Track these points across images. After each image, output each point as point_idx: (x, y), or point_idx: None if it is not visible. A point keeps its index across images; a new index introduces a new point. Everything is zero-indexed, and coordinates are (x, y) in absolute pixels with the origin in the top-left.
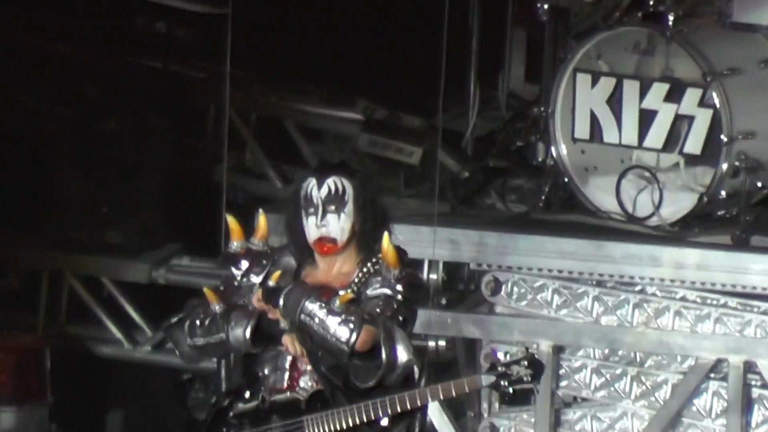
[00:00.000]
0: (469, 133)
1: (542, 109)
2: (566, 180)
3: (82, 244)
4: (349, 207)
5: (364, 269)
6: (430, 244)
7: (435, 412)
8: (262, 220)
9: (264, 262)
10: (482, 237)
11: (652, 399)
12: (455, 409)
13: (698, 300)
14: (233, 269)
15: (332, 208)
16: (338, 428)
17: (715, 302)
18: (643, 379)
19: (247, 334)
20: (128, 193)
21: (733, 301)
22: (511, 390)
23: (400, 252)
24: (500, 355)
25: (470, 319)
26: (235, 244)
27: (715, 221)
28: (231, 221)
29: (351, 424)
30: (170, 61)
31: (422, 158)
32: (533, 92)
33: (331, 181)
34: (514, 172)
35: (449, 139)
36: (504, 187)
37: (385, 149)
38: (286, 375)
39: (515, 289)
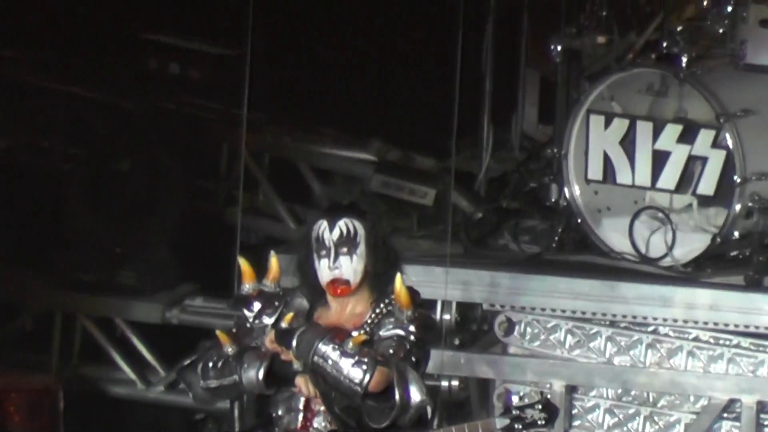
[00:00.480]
0: (483, 174)
1: (555, 150)
2: (579, 221)
3: (95, 285)
4: (361, 248)
5: (377, 310)
6: (443, 285)
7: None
8: (274, 262)
9: (276, 303)
10: (495, 278)
11: None
12: None
13: (711, 340)
14: (245, 311)
15: (344, 250)
16: None
17: (727, 342)
18: (656, 419)
19: (260, 375)
20: (141, 234)
21: (745, 342)
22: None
23: (412, 293)
24: (515, 398)
25: (483, 359)
26: (247, 286)
27: (728, 262)
28: (243, 263)
29: None
30: (184, 102)
31: (435, 199)
32: (546, 133)
33: (342, 223)
34: (527, 213)
35: (462, 180)
36: (517, 228)
37: (399, 190)
38: (300, 416)
39: (528, 329)
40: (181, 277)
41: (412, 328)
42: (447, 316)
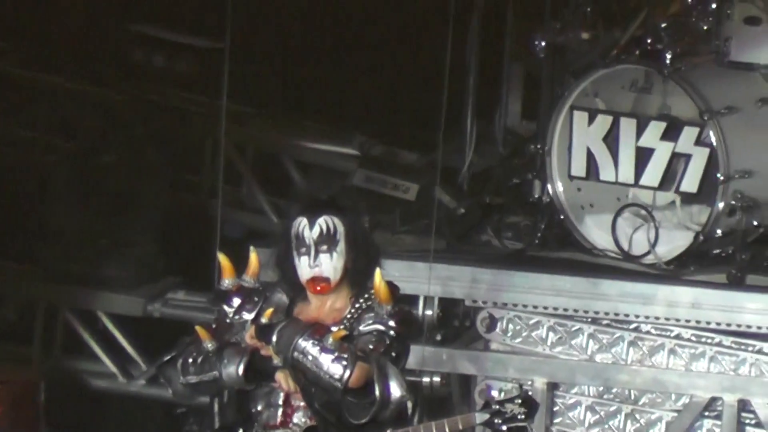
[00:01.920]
0: (466, 169)
1: (539, 146)
2: (562, 217)
3: (78, 277)
4: (341, 246)
5: (357, 305)
6: (426, 281)
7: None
8: (253, 257)
9: (256, 299)
10: (478, 274)
11: None
12: None
13: (693, 338)
14: (225, 307)
15: (324, 248)
16: None
17: (709, 341)
18: (637, 416)
19: (240, 371)
20: (124, 227)
21: (727, 340)
22: (504, 428)
23: (392, 287)
24: (494, 393)
25: (465, 355)
26: (227, 281)
27: (711, 260)
28: (222, 259)
29: None
30: (168, 94)
31: (418, 194)
32: (530, 129)
33: (322, 221)
34: (510, 209)
35: (446, 175)
36: (500, 224)
37: (382, 185)
38: (280, 411)
39: (510, 326)
40: (164, 270)
41: (392, 323)
42: (429, 312)
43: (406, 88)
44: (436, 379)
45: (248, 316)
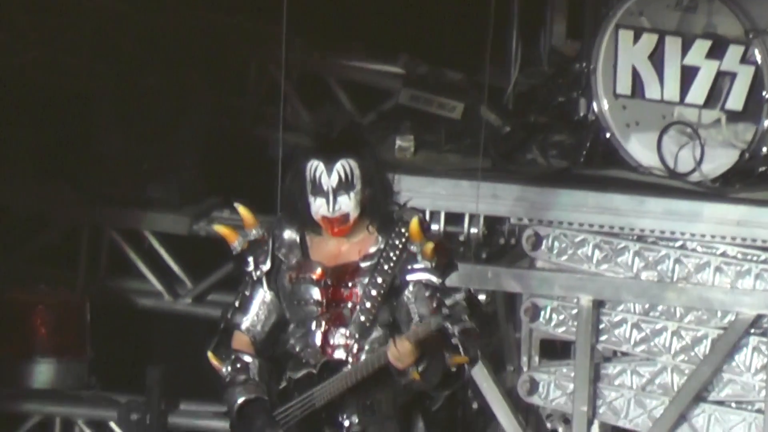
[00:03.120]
0: (511, 88)
1: (584, 64)
2: (607, 135)
3: (123, 199)
4: (358, 185)
5: (390, 242)
6: (472, 199)
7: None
8: (243, 211)
9: (265, 247)
10: (523, 192)
11: (692, 354)
12: (495, 363)
13: (739, 256)
14: (245, 269)
15: (342, 191)
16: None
17: (755, 258)
18: (682, 334)
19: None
20: (169, 148)
21: None
22: (457, 330)
23: (421, 222)
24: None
25: (511, 273)
26: (236, 243)
27: (756, 177)
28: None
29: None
30: (211, 17)
31: (464, 113)
32: (575, 48)
33: (340, 167)
34: (555, 128)
35: (491, 94)
36: (545, 143)
37: (427, 104)
38: (318, 352)
39: (556, 243)
40: (209, 190)
41: (436, 276)
42: (474, 230)
43: (451, 7)
44: (482, 297)
45: (265, 267)
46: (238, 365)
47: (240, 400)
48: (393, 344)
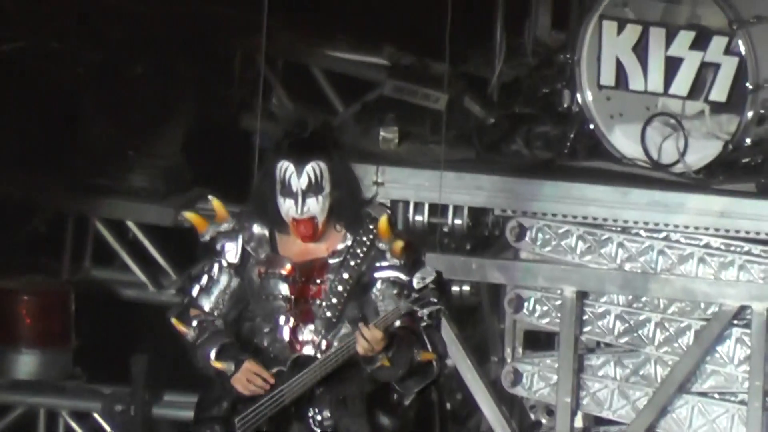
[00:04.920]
0: (495, 79)
1: (568, 56)
2: (591, 127)
3: (108, 188)
4: (327, 188)
5: (357, 238)
6: (456, 190)
7: (458, 357)
8: (216, 204)
9: (233, 237)
10: (507, 183)
11: (676, 345)
12: (479, 354)
13: (722, 247)
14: (215, 258)
15: (311, 194)
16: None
17: (738, 249)
18: (666, 325)
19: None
20: (154, 138)
21: (756, 249)
22: (426, 312)
23: (390, 220)
24: (415, 282)
25: (495, 264)
26: (206, 235)
27: (740, 169)
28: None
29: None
30: (198, 5)
31: (448, 104)
32: (559, 39)
33: (310, 169)
34: (539, 119)
35: (475, 85)
36: (529, 134)
37: (411, 95)
38: (287, 346)
39: (539, 235)
40: (194, 181)
41: (404, 273)
42: (459, 221)
43: None
44: (466, 288)
45: (233, 259)
46: (204, 324)
47: (216, 347)
48: (361, 332)
